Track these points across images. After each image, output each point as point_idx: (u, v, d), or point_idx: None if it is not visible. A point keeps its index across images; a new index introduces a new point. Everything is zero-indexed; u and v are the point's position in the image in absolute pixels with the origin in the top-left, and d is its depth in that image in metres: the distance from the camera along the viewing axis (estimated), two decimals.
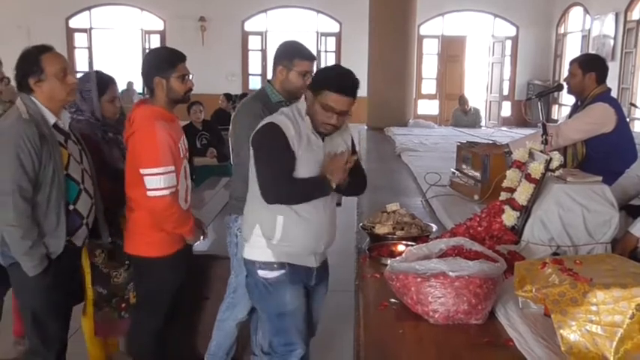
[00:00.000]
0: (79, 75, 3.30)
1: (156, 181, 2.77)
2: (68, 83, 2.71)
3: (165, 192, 2.78)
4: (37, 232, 2.62)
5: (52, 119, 2.70)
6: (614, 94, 4.06)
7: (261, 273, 2.57)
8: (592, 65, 3.71)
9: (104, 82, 3.21)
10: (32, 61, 2.64)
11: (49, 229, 2.67)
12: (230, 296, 3.17)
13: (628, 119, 5.64)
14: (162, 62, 2.86)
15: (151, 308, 3.07)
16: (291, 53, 2.98)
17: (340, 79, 2.45)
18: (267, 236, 2.52)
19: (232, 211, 3.05)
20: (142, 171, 2.77)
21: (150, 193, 2.77)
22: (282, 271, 2.56)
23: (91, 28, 16.81)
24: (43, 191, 2.62)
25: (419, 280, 2.06)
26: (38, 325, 2.79)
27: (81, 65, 16.24)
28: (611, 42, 12.12)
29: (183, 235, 2.99)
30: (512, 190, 2.78)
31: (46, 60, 2.65)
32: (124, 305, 3.33)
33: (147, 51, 16.49)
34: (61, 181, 2.67)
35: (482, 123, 11.49)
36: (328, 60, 16.35)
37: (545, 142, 2.97)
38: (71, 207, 2.75)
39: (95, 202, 2.90)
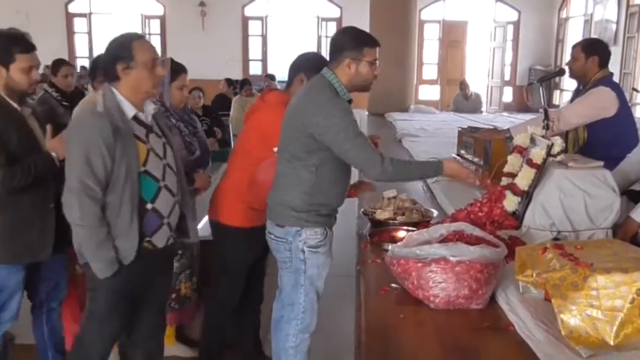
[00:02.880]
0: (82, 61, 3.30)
1: None
2: (156, 75, 2.56)
3: None
4: (105, 234, 2.46)
5: (131, 112, 2.51)
6: (616, 79, 4.04)
7: None
8: (594, 49, 3.70)
9: (177, 69, 3.29)
10: (123, 47, 2.50)
11: (121, 231, 2.50)
12: (300, 317, 2.82)
13: (630, 104, 5.62)
14: (312, 65, 3.02)
15: (227, 280, 3.22)
16: (359, 42, 2.67)
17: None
18: None
19: (289, 222, 2.70)
20: (276, 149, 2.86)
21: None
22: None
23: (90, 13, 16.72)
24: (116, 190, 2.46)
25: (420, 265, 2.07)
26: (95, 325, 2.64)
27: (81, 51, 16.19)
28: (614, 27, 12.04)
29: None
30: (513, 176, 2.78)
31: (137, 47, 2.50)
32: (174, 296, 3.36)
33: (147, 36, 16.52)
34: (134, 179, 2.48)
35: (483, 108, 11.45)
36: (328, 45, 16.27)
37: (547, 127, 2.96)
38: (149, 206, 2.57)
39: (180, 199, 2.73)
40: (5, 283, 2.88)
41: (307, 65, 3.08)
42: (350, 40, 2.67)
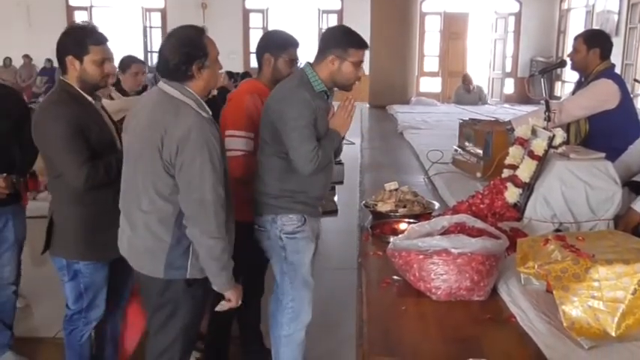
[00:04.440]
0: None
1: (235, 142, 2.98)
2: (219, 69, 2.50)
3: (239, 153, 2.98)
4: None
5: (209, 112, 2.43)
6: (617, 70, 4.04)
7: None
8: (596, 41, 3.69)
9: None
10: (199, 45, 2.37)
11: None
12: (289, 306, 2.85)
13: (632, 95, 5.62)
14: (276, 42, 3.10)
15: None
16: (346, 41, 2.72)
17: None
18: None
19: (265, 210, 2.77)
20: (227, 132, 2.96)
21: (228, 154, 2.83)
22: None
23: (91, 7, 16.71)
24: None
25: (421, 257, 2.07)
26: (184, 338, 2.58)
27: None
28: (615, 17, 12.01)
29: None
30: (514, 167, 2.78)
31: (208, 43, 2.41)
32: None
33: (148, 29, 16.49)
34: (228, 183, 2.47)
35: (487, 100, 11.41)
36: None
37: (548, 119, 2.96)
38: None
39: None
40: (92, 280, 2.88)
41: (270, 44, 3.13)
42: (337, 38, 2.74)
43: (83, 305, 2.93)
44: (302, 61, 2.98)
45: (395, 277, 2.23)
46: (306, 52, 3.12)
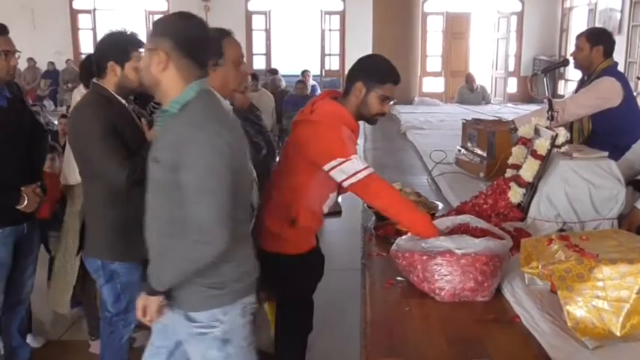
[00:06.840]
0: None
1: (351, 165, 2.49)
2: (241, 72, 2.55)
3: (369, 169, 2.50)
4: None
5: (227, 106, 2.42)
6: (620, 68, 4.04)
7: None
8: (599, 39, 3.69)
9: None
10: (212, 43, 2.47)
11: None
12: None
13: (635, 94, 5.60)
14: (376, 72, 2.67)
15: None
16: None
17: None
18: None
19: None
20: (327, 166, 2.50)
21: (349, 181, 2.49)
22: None
23: (94, 9, 16.75)
24: None
25: (425, 258, 2.07)
26: None
27: (85, 47, 16.20)
28: (618, 15, 11.98)
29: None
30: (517, 167, 2.77)
31: (227, 44, 2.49)
32: None
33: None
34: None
35: (491, 100, 11.37)
36: (332, 39, 16.24)
37: (551, 118, 2.95)
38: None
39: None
40: (129, 280, 2.88)
41: (366, 72, 2.69)
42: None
43: (122, 307, 2.93)
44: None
45: (398, 278, 2.23)
46: (309, 54, 3.05)
